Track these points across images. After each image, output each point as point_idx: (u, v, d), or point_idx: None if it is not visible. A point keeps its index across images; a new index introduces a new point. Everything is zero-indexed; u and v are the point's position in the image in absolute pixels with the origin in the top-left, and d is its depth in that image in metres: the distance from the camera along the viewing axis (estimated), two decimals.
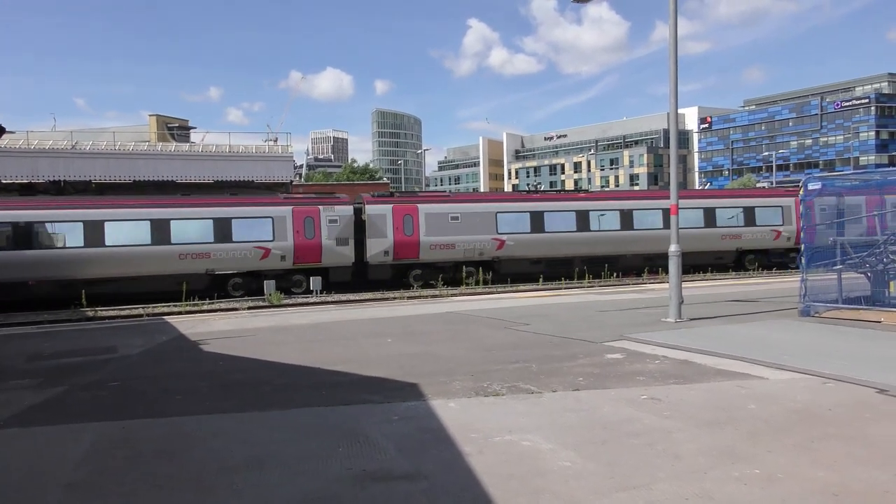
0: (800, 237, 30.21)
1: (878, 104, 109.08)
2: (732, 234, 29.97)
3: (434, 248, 26.21)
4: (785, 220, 30.77)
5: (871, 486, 4.74)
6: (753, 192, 36.55)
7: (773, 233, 30.51)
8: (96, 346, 12.82)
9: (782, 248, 30.71)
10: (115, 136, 37.16)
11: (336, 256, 25.21)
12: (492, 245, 26.77)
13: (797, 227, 29.69)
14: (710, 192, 34.81)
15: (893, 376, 7.96)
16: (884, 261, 13.39)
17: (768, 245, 30.54)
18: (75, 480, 5.42)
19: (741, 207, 30.38)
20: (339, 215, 25.32)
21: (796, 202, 29.59)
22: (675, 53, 13.80)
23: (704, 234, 29.27)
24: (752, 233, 30.23)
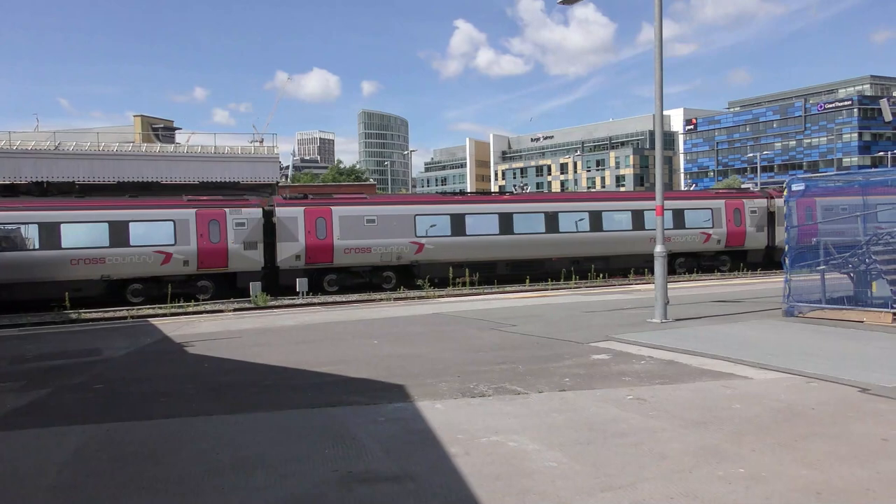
0: (730, 240, 29.94)
1: (860, 106, 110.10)
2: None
3: (349, 251, 25.40)
4: (715, 222, 30.29)
5: (854, 484, 4.79)
6: (683, 193, 35.73)
7: (703, 236, 30.04)
8: (80, 349, 12.72)
9: (713, 251, 30.48)
10: (100, 136, 36.90)
11: (244, 261, 24.29)
12: (410, 249, 26.08)
13: (727, 229, 30.12)
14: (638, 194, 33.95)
15: (875, 375, 8.05)
16: (866, 261, 13.52)
17: (698, 248, 30.15)
18: (59, 484, 5.37)
19: (670, 210, 29.36)
20: (246, 218, 24.44)
21: (727, 205, 30.24)
22: (660, 56, 13.88)
23: (633, 237, 28.95)
24: (681, 236, 29.63)
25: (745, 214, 30.69)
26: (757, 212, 30.98)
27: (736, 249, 30.76)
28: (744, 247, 30.78)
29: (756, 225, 30.89)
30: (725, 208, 30.34)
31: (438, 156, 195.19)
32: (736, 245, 30.63)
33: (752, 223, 30.84)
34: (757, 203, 31.25)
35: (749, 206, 30.87)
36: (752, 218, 30.81)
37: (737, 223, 30.36)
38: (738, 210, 30.51)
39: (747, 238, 30.74)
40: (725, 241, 30.30)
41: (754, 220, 30.86)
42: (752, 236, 30.84)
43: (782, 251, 31.33)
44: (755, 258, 30.95)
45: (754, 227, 30.85)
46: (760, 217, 31.04)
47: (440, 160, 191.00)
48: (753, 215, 30.81)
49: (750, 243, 30.89)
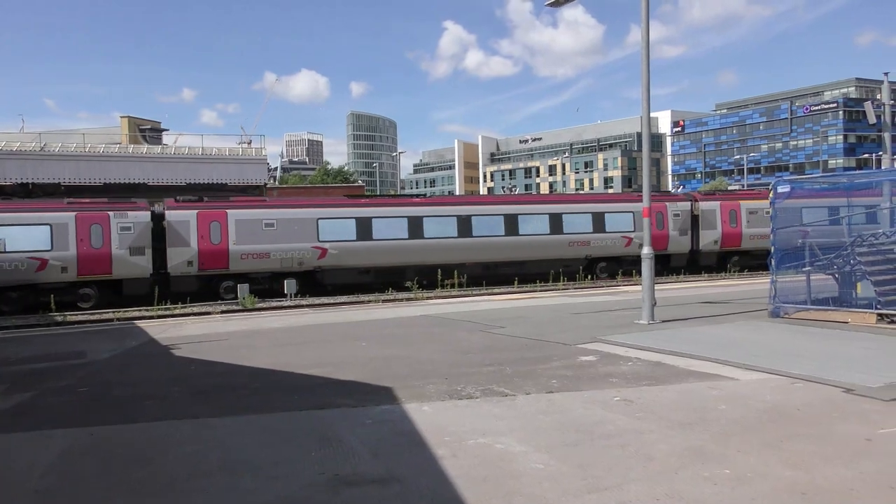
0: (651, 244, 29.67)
1: (845, 108, 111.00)
2: (580, 240, 28.51)
3: (246, 257, 24.12)
4: (636, 226, 28.89)
5: (838, 484, 4.83)
6: (603, 196, 34.24)
7: (624, 239, 29.13)
8: (65, 352, 12.62)
9: (635, 255, 28.89)
10: (86, 138, 36.69)
11: (130, 267, 22.81)
12: (313, 254, 24.88)
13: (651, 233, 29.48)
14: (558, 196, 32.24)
15: (860, 376, 8.12)
16: (851, 262, 13.63)
17: (619, 252, 29.23)
18: (44, 488, 5.33)
19: (590, 213, 28.99)
20: (133, 222, 22.92)
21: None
22: (646, 59, 13.94)
23: (550, 241, 28.06)
24: (601, 239, 28.85)
25: (668, 218, 29.83)
26: (680, 215, 30.20)
27: (659, 253, 29.38)
28: (667, 251, 29.71)
29: (679, 229, 30.07)
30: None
31: (427, 157, 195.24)
32: (658, 249, 28.75)
33: (675, 227, 29.99)
34: (680, 206, 30.51)
35: (672, 210, 30.08)
36: (675, 221, 29.99)
37: (659, 227, 29.20)
38: (660, 213, 29.37)
39: (670, 242, 29.87)
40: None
41: (677, 223, 30.06)
42: (675, 240, 30.01)
43: (707, 255, 30.53)
44: (678, 262, 30.10)
45: (677, 231, 30.03)
46: (684, 220, 30.28)
47: (429, 162, 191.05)
48: (677, 219, 30.04)
49: (673, 247, 30.03)
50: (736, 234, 30.94)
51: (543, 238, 27.95)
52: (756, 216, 30.66)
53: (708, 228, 30.76)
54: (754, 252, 30.70)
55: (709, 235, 30.74)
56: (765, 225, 30.85)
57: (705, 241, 30.72)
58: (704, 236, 30.67)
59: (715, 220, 30.81)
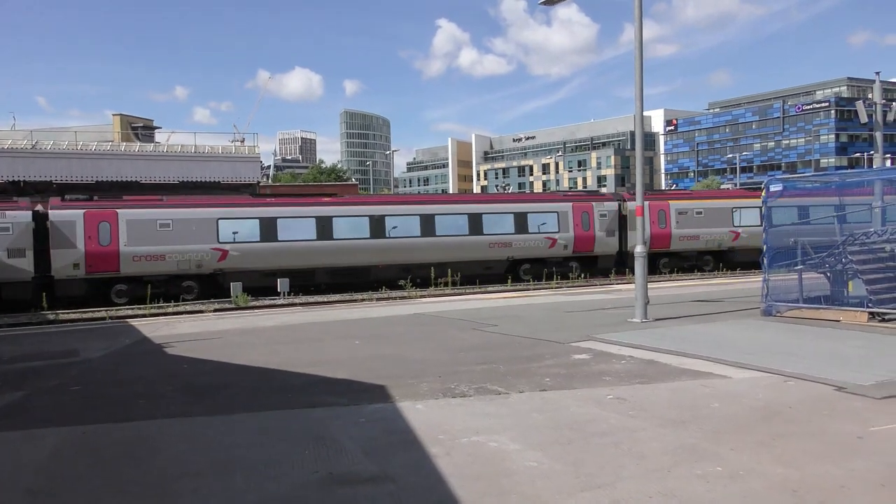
0: (578, 245, 28.30)
1: (837, 108, 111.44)
2: (502, 241, 27.39)
3: (139, 259, 22.77)
4: (561, 227, 28.29)
5: (828, 482, 4.85)
6: (527, 196, 32.30)
7: (549, 241, 28.04)
8: (57, 350, 12.57)
9: (560, 257, 28.55)
10: (77, 135, 36.50)
11: (8, 271, 21.34)
12: (212, 256, 23.62)
13: (575, 234, 28.42)
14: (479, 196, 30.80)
15: (851, 374, 8.16)
16: (842, 261, 13.69)
17: (543, 254, 28.14)
18: (36, 486, 5.31)
19: (511, 213, 27.83)
20: (11, 222, 21.49)
21: (574, 207, 28.54)
22: (640, 58, 13.97)
23: (469, 242, 26.94)
24: (524, 241, 27.72)
25: (595, 218, 28.90)
26: (607, 215, 29.20)
27: (585, 255, 29.00)
28: (593, 252, 29.04)
29: (606, 229, 29.09)
30: (573, 212, 28.53)
31: (421, 156, 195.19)
32: (584, 250, 28.85)
33: (602, 227, 29.01)
34: (607, 206, 29.53)
35: (598, 210, 29.12)
36: (601, 222, 29.01)
37: (585, 227, 28.58)
38: (586, 213, 28.70)
39: (596, 243, 28.98)
40: (573, 246, 28.44)
41: (604, 224, 29.08)
42: (601, 241, 29.05)
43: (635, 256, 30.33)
44: (606, 264, 29.22)
45: (604, 232, 29.04)
46: (611, 221, 29.30)
47: (422, 160, 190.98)
48: (603, 219, 29.08)
49: (600, 248, 29.12)
50: (665, 235, 30.01)
51: (462, 239, 26.88)
52: (686, 216, 30.16)
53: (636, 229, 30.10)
54: (684, 253, 30.36)
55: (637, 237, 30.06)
56: (695, 226, 30.27)
57: (634, 242, 29.84)
58: (633, 237, 28.51)
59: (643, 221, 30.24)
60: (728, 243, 30.86)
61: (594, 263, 29.18)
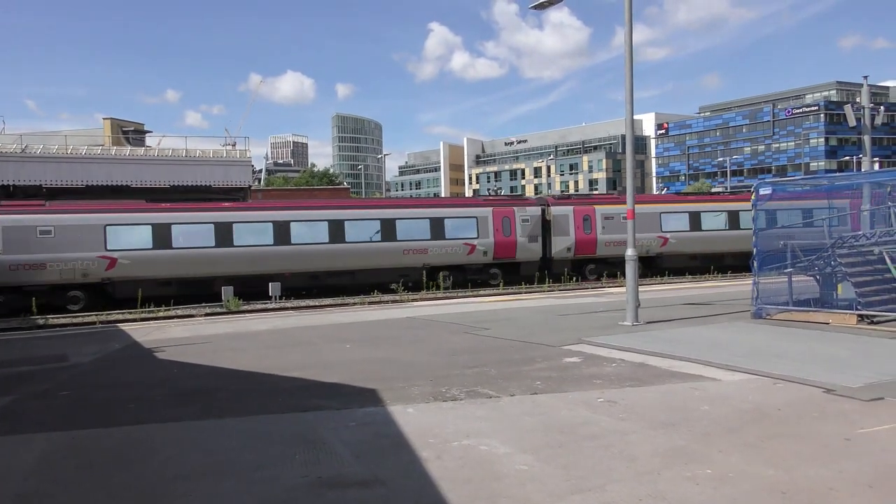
0: (498, 251, 27.51)
1: (826, 111, 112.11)
2: (417, 248, 26.46)
3: (16, 268, 21.57)
4: (480, 232, 27.40)
5: (817, 484, 4.88)
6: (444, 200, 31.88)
7: (467, 247, 27.15)
8: (47, 355, 12.50)
9: (480, 264, 27.74)
10: (68, 139, 36.33)
11: None
12: (100, 264, 22.42)
13: (495, 240, 27.54)
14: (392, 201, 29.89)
15: (840, 376, 8.20)
16: (832, 264, 13.77)
17: (462, 261, 27.28)
18: (25, 491, 5.28)
19: (427, 219, 26.88)
20: None
21: (494, 212, 27.77)
22: (630, 63, 14.02)
23: (382, 249, 25.99)
24: (441, 247, 26.79)
25: (516, 224, 28.03)
26: (530, 221, 28.36)
27: (507, 261, 28.14)
28: (515, 258, 28.16)
29: (529, 235, 28.21)
30: (493, 217, 27.65)
31: (413, 159, 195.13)
32: (506, 257, 27.98)
33: (525, 233, 28.13)
34: (530, 211, 28.63)
35: (520, 215, 28.27)
36: (523, 227, 28.14)
37: (506, 233, 27.73)
38: (507, 219, 27.85)
39: (518, 249, 28.07)
40: (493, 252, 27.53)
41: (527, 229, 28.21)
42: (523, 247, 28.14)
43: (560, 263, 29.01)
44: (529, 270, 28.16)
45: (526, 238, 28.16)
46: (534, 226, 28.45)
47: (414, 164, 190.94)
48: (526, 224, 28.24)
49: (522, 255, 28.20)
50: (591, 240, 29.41)
51: (374, 245, 26.02)
52: (613, 222, 29.38)
53: (560, 235, 29.03)
54: (611, 259, 29.47)
55: (561, 242, 29.06)
56: (622, 231, 28.35)
57: (558, 248, 29.01)
58: (557, 243, 28.96)
59: (568, 226, 29.14)
60: (656, 249, 30.11)
61: (516, 270, 28.23)
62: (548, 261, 28.82)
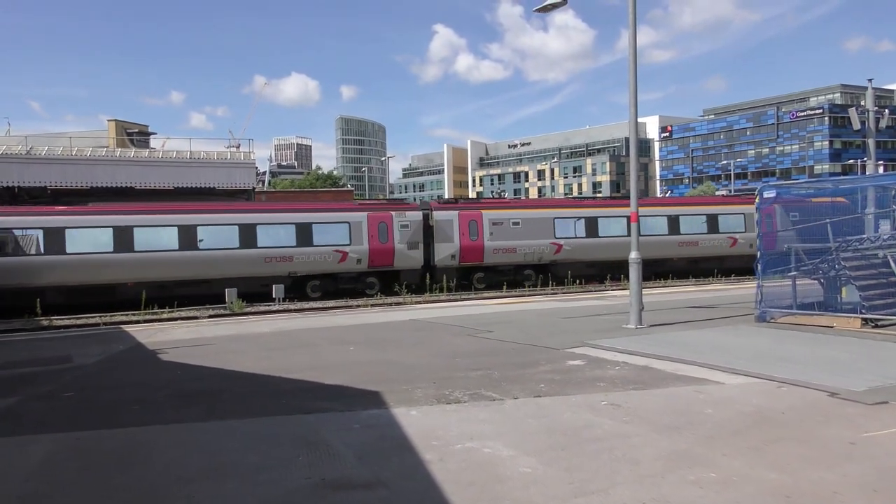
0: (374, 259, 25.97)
1: (831, 114, 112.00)
2: (281, 255, 25.06)
3: None
4: (353, 239, 26.13)
5: (822, 487, 4.86)
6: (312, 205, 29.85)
7: (338, 254, 25.75)
8: (50, 356, 12.52)
9: (354, 272, 26.40)
10: (73, 141, 36.39)
11: None
12: None
13: (370, 246, 26.23)
14: (254, 205, 28.34)
15: (844, 380, 8.18)
16: (836, 267, 13.74)
17: (333, 269, 25.92)
18: (27, 492, 5.29)
19: (293, 224, 25.47)
20: None
21: (369, 217, 26.46)
22: (634, 65, 14.02)
23: (241, 257, 24.44)
24: (308, 254, 25.39)
25: (394, 229, 26.61)
26: (409, 226, 26.90)
27: (385, 270, 26.76)
28: (393, 266, 26.74)
29: (408, 241, 26.79)
30: (367, 222, 26.24)
31: (416, 162, 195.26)
32: (383, 265, 26.58)
33: (404, 239, 26.71)
34: (410, 216, 27.22)
35: (399, 220, 26.81)
36: (402, 233, 26.71)
37: (382, 239, 26.35)
38: (384, 224, 26.47)
39: (396, 257, 26.65)
40: (368, 260, 26.15)
41: (406, 235, 26.79)
42: (402, 255, 26.72)
43: (444, 271, 27.46)
44: (409, 279, 26.71)
45: (405, 245, 26.73)
46: (414, 232, 27.00)
47: (418, 166, 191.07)
48: (405, 230, 26.79)
49: (401, 262, 26.79)
50: (477, 247, 27.76)
51: (231, 253, 24.27)
52: (501, 227, 28.10)
53: (444, 241, 27.50)
54: (500, 267, 28.42)
55: (445, 249, 27.50)
56: (511, 237, 27.86)
57: (441, 255, 27.48)
58: (440, 250, 27.44)
59: (452, 232, 27.56)
60: (550, 256, 28.76)
61: (396, 278, 26.71)
62: (431, 269, 27.36)
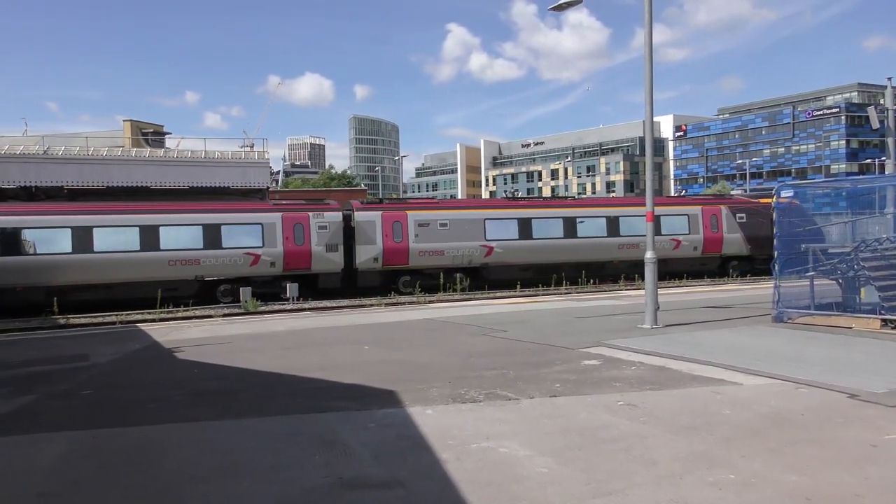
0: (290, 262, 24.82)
1: (847, 113, 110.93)
2: (186, 258, 23.76)
3: None
4: (267, 241, 24.80)
5: (843, 490, 4.80)
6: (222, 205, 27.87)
7: (250, 257, 24.54)
8: (67, 355, 12.62)
9: (268, 276, 25.05)
10: (89, 141, 36.67)
11: None
12: None
13: (284, 249, 25.04)
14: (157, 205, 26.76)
15: (864, 381, 8.09)
16: (854, 268, 13.60)
17: (244, 272, 24.54)
18: (45, 490, 5.32)
19: (200, 225, 24.22)
20: None
21: (284, 218, 25.36)
22: (650, 63, 13.94)
23: (141, 260, 23.13)
24: (217, 257, 24.08)
25: (311, 231, 25.44)
26: (328, 228, 25.69)
27: (302, 273, 25.44)
28: (311, 270, 25.53)
29: (327, 244, 25.57)
30: (282, 223, 25.06)
31: (429, 161, 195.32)
32: (299, 268, 25.38)
33: (322, 242, 25.49)
34: (329, 217, 25.94)
35: (317, 222, 25.61)
36: (320, 235, 25.50)
37: (298, 241, 25.20)
38: (300, 226, 25.33)
39: (314, 259, 25.43)
40: (283, 263, 25.00)
41: (325, 237, 25.58)
42: (321, 257, 25.49)
43: (367, 275, 26.41)
44: (329, 283, 25.82)
45: (324, 247, 25.51)
46: (333, 234, 25.79)
47: (431, 166, 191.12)
48: (323, 232, 25.61)
49: (319, 265, 25.54)
50: (401, 249, 26.60)
51: (130, 256, 23.06)
52: (427, 229, 26.84)
53: (366, 243, 26.31)
54: (427, 270, 27.03)
55: (367, 251, 26.30)
56: (439, 239, 26.79)
57: (363, 258, 26.29)
58: (361, 252, 26.27)
59: (375, 234, 26.41)
60: (480, 259, 27.47)
61: (314, 282, 25.74)
62: (353, 272, 26.41)
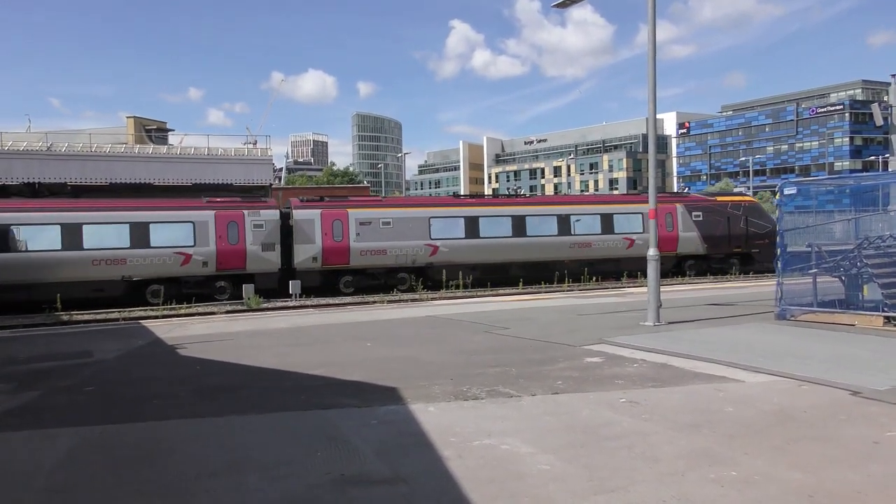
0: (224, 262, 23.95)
1: (852, 110, 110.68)
2: (111, 258, 22.65)
3: None
4: (199, 239, 23.77)
5: (845, 487, 4.80)
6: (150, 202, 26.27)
7: (181, 256, 23.47)
8: (71, 351, 12.66)
9: (201, 276, 24.09)
10: (92, 137, 36.78)
11: None
12: None
13: (217, 248, 24.01)
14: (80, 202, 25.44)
15: (867, 378, 8.08)
16: (857, 265, 13.58)
17: (175, 272, 23.58)
18: (52, 486, 5.35)
19: (126, 224, 23.09)
20: None
21: (217, 216, 24.23)
22: (653, 61, 13.92)
23: (64, 259, 22.09)
24: (145, 256, 23.04)
25: (246, 230, 24.44)
26: (265, 226, 24.75)
27: (236, 273, 24.37)
28: (246, 270, 24.40)
29: (263, 242, 24.63)
30: (215, 222, 24.11)
31: (432, 158, 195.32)
32: (233, 268, 24.29)
33: (258, 241, 24.54)
34: (266, 216, 24.97)
35: (252, 220, 24.63)
36: (256, 234, 24.56)
37: (232, 240, 24.19)
38: (234, 224, 24.32)
39: (249, 259, 24.43)
40: (216, 262, 23.98)
41: (261, 236, 24.64)
42: (256, 257, 24.50)
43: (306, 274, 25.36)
44: (266, 283, 24.54)
45: (259, 246, 24.53)
46: (270, 233, 24.87)
47: (434, 163, 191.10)
48: (259, 231, 24.65)
49: (254, 265, 24.51)
50: (342, 248, 25.71)
51: (53, 255, 22.00)
52: (370, 228, 26.07)
53: (304, 242, 25.40)
54: (369, 270, 26.28)
55: (306, 251, 25.37)
56: (381, 238, 26.04)
57: (301, 257, 25.37)
58: (300, 252, 25.36)
59: (313, 233, 25.48)
60: (425, 258, 26.62)
61: (250, 282, 23.89)
62: (290, 272, 25.43)
